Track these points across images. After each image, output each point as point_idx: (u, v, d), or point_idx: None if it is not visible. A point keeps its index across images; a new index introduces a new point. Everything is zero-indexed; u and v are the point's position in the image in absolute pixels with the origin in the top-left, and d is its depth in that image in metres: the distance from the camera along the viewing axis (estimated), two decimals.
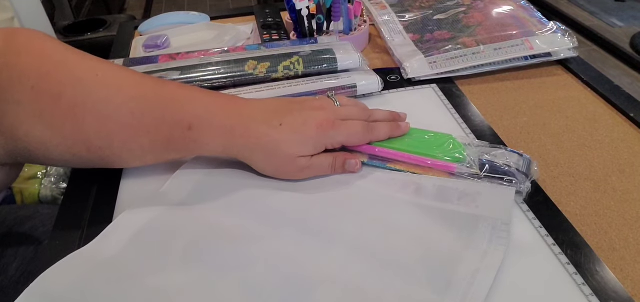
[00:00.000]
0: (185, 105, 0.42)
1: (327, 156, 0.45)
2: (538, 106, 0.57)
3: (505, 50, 0.63)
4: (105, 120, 0.39)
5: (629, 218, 0.42)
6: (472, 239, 0.38)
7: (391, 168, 0.46)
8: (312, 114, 0.44)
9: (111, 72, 0.41)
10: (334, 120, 0.44)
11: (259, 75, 0.57)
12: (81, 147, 0.40)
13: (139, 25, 0.83)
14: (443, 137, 0.47)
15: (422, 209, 0.41)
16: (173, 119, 0.41)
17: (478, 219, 0.40)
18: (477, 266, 0.36)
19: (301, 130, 0.42)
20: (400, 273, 0.36)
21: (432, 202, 0.42)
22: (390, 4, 0.77)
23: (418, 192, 0.43)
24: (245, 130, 0.42)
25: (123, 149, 0.41)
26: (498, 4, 0.71)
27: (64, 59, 0.40)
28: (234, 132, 0.42)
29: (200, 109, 0.42)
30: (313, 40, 0.65)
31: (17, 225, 0.61)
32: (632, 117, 0.54)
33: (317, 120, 0.43)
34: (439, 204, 0.42)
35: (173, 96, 0.42)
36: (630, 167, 0.48)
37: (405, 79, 0.62)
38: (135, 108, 0.40)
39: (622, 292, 0.35)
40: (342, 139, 0.45)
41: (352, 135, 0.45)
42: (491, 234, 0.38)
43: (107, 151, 0.41)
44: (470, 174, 0.43)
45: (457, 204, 0.41)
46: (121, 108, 0.40)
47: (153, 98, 0.41)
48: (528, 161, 0.45)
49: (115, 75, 0.41)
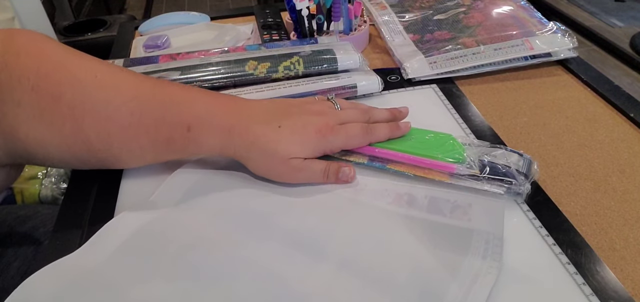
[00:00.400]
0: (184, 105, 0.42)
1: (320, 161, 0.44)
2: (538, 106, 0.57)
3: (505, 50, 0.63)
4: (104, 122, 0.39)
5: (629, 218, 0.42)
6: (465, 256, 0.37)
7: (391, 169, 0.46)
8: (312, 119, 0.44)
9: (110, 73, 0.41)
10: (333, 125, 0.44)
11: (259, 76, 0.57)
12: (81, 147, 0.40)
13: (139, 25, 0.83)
14: (443, 137, 0.47)
15: (414, 223, 0.40)
16: (173, 120, 0.41)
17: (471, 233, 0.39)
18: (469, 285, 0.35)
19: (300, 132, 0.42)
20: (390, 293, 0.34)
21: (425, 215, 0.41)
22: (390, 4, 0.77)
23: (411, 204, 0.42)
24: (243, 129, 0.42)
25: (122, 149, 0.41)
26: (498, 4, 0.71)
27: (63, 60, 0.40)
28: (233, 131, 0.42)
29: (199, 109, 0.42)
30: (313, 40, 0.65)
31: (17, 225, 0.61)
32: (632, 117, 0.54)
33: (317, 125, 0.43)
34: (431, 216, 0.41)
35: (172, 97, 0.42)
36: (630, 167, 0.48)
37: (405, 79, 0.62)
38: (135, 109, 0.40)
39: (622, 292, 0.35)
40: (341, 143, 0.44)
41: (351, 138, 0.44)
42: (485, 249, 0.37)
43: (106, 153, 0.41)
44: (470, 175, 0.43)
45: (450, 217, 0.41)
46: (120, 109, 0.40)
47: (152, 99, 0.41)
48: (528, 161, 0.45)
49: (114, 76, 0.41)
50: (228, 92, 0.56)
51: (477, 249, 0.37)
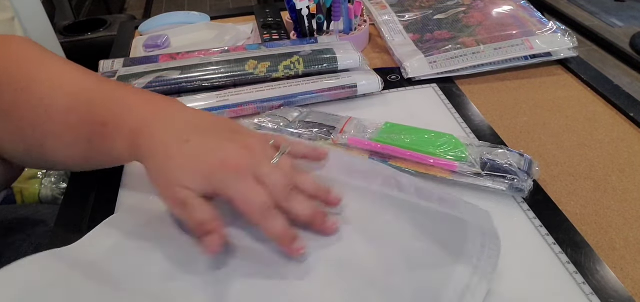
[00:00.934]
0: (109, 103, 0.39)
1: (210, 208, 0.35)
2: (538, 106, 0.57)
3: (505, 50, 0.63)
4: (40, 116, 0.39)
5: (629, 217, 0.42)
6: (462, 251, 0.35)
7: (393, 165, 0.46)
8: (229, 148, 0.36)
9: (56, 67, 0.41)
10: (246, 167, 0.36)
11: (259, 75, 0.57)
12: (22, 144, 0.40)
13: (139, 25, 0.83)
14: (444, 136, 0.47)
15: (407, 208, 0.38)
16: (94, 117, 0.38)
17: (466, 225, 0.37)
18: (466, 282, 0.33)
19: (200, 157, 0.36)
20: (384, 296, 0.33)
21: (416, 200, 0.39)
22: (390, 3, 0.77)
23: (401, 189, 0.40)
24: (150, 135, 0.37)
25: (55, 147, 0.40)
26: (498, 3, 0.71)
27: (25, 57, 0.40)
28: (140, 134, 0.37)
29: (120, 108, 0.39)
30: (313, 40, 0.65)
31: (17, 225, 0.61)
32: (632, 117, 0.54)
33: (226, 158, 0.36)
34: (422, 202, 0.39)
35: (105, 95, 0.40)
36: (630, 166, 0.48)
37: (405, 79, 0.62)
38: (68, 104, 0.39)
39: (622, 291, 0.35)
40: (232, 193, 0.35)
41: (248, 198, 0.35)
42: (480, 250, 0.35)
43: (40, 150, 0.40)
44: (472, 173, 0.43)
45: (439, 205, 0.39)
46: (56, 103, 0.39)
47: (86, 96, 0.39)
48: (529, 161, 0.45)
49: (60, 71, 0.40)
50: (228, 92, 0.56)
51: (474, 245, 0.35)
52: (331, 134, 0.49)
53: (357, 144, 0.47)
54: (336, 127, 0.50)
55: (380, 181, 0.41)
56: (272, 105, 0.55)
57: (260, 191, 0.35)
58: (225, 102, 0.54)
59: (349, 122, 0.51)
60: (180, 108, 0.40)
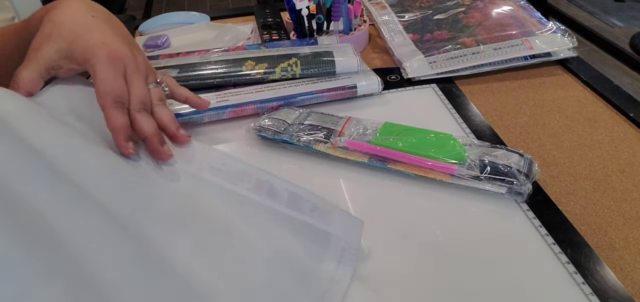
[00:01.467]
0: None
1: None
2: (538, 106, 0.57)
3: (505, 50, 0.63)
4: None
5: (629, 217, 0.42)
6: (322, 255, 0.37)
7: (392, 169, 0.46)
8: (120, 43, 0.40)
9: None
10: (120, 61, 0.39)
11: (255, 77, 0.57)
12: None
13: (139, 25, 0.83)
14: (444, 137, 0.47)
15: (274, 216, 0.39)
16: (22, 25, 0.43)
17: (330, 237, 0.38)
18: (325, 286, 0.35)
19: (95, 29, 0.39)
20: (246, 295, 0.33)
21: (285, 209, 0.39)
22: (390, 4, 0.77)
23: (271, 195, 0.40)
24: (65, 4, 0.40)
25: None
26: (498, 3, 0.71)
27: None
28: (55, 5, 0.40)
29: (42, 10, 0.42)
30: (313, 40, 0.65)
31: None
32: (632, 117, 0.54)
33: (112, 43, 0.39)
34: (291, 212, 0.39)
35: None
36: (630, 166, 0.48)
37: (405, 79, 0.62)
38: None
39: (622, 291, 0.35)
40: (98, 70, 0.38)
41: (108, 81, 0.38)
42: (340, 255, 0.37)
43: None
44: (471, 176, 0.43)
45: (310, 217, 0.39)
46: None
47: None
48: (529, 161, 0.45)
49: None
50: (228, 91, 0.56)
51: (334, 252, 0.37)
52: (330, 135, 0.49)
53: (356, 147, 0.47)
54: (335, 128, 0.50)
55: (252, 185, 0.40)
56: (271, 106, 0.55)
57: (122, 84, 0.39)
58: (225, 102, 0.54)
59: (348, 123, 0.50)
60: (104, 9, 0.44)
